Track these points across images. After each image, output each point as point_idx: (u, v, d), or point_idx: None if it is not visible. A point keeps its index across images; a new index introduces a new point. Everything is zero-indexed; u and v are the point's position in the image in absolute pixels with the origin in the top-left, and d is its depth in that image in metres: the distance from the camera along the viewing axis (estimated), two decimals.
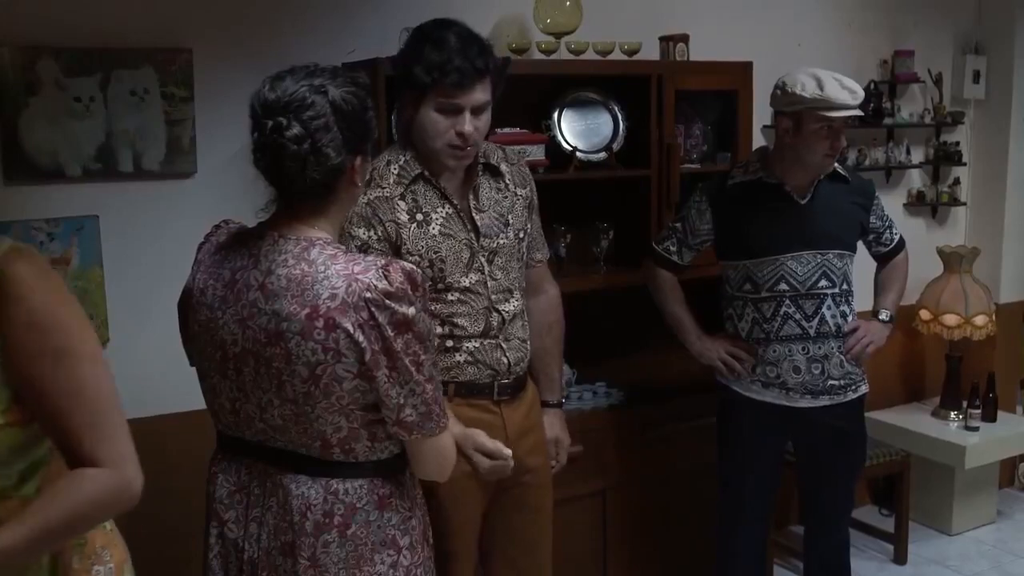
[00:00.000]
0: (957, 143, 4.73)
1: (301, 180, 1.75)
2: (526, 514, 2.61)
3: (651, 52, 3.64)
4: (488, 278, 2.45)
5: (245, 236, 1.87)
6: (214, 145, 3.06)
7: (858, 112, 2.95)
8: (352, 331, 1.71)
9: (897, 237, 3.28)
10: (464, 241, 2.42)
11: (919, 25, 4.57)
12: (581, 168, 3.44)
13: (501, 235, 2.48)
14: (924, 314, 4.51)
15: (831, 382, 3.06)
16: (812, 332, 3.03)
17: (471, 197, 2.46)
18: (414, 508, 1.92)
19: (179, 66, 2.99)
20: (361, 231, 2.34)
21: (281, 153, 1.73)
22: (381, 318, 1.72)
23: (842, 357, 3.07)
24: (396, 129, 2.53)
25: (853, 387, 3.12)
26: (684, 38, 3.64)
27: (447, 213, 2.42)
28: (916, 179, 4.75)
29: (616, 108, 3.53)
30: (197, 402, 2.01)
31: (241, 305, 1.80)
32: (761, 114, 4.01)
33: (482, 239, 2.44)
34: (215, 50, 3.04)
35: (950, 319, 4.40)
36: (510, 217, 2.51)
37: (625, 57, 3.53)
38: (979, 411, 4.40)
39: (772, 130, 4.18)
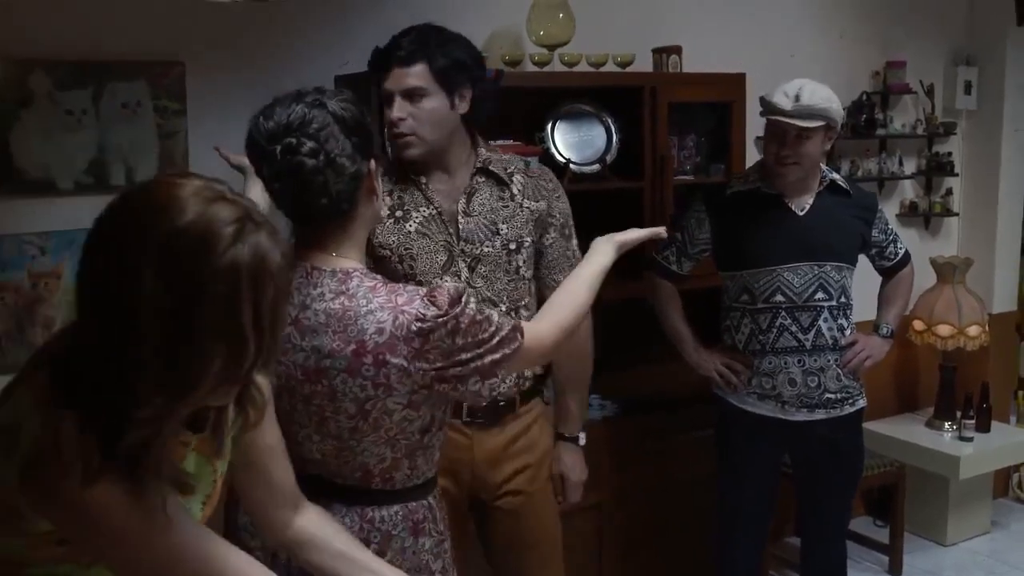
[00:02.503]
0: (949, 154, 4.74)
1: (326, 196, 1.71)
2: (513, 544, 2.58)
3: (644, 64, 3.65)
4: (466, 284, 2.41)
5: None
6: (207, 158, 3.03)
7: (799, 122, 2.87)
8: (406, 364, 1.68)
9: (902, 252, 3.25)
10: (442, 243, 2.43)
11: (911, 36, 4.59)
12: (574, 180, 3.43)
13: (487, 243, 2.45)
14: (917, 324, 4.51)
15: (827, 395, 3.05)
16: (808, 345, 3.02)
17: (463, 201, 2.45)
18: (445, 531, 1.90)
19: (172, 79, 2.98)
20: None
21: (301, 171, 1.68)
22: (436, 337, 1.68)
23: (839, 371, 3.06)
24: None
25: (850, 401, 3.11)
26: (677, 50, 3.65)
27: (428, 214, 2.43)
28: (908, 190, 4.76)
29: (609, 120, 3.53)
30: None
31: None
32: (754, 126, 4.01)
33: (461, 243, 2.43)
34: (208, 63, 3.03)
35: (943, 329, 4.40)
36: (503, 226, 2.47)
37: (618, 69, 3.52)
38: (973, 421, 4.40)
39: None
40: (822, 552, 3.31)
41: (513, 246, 2.48)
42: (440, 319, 1.67)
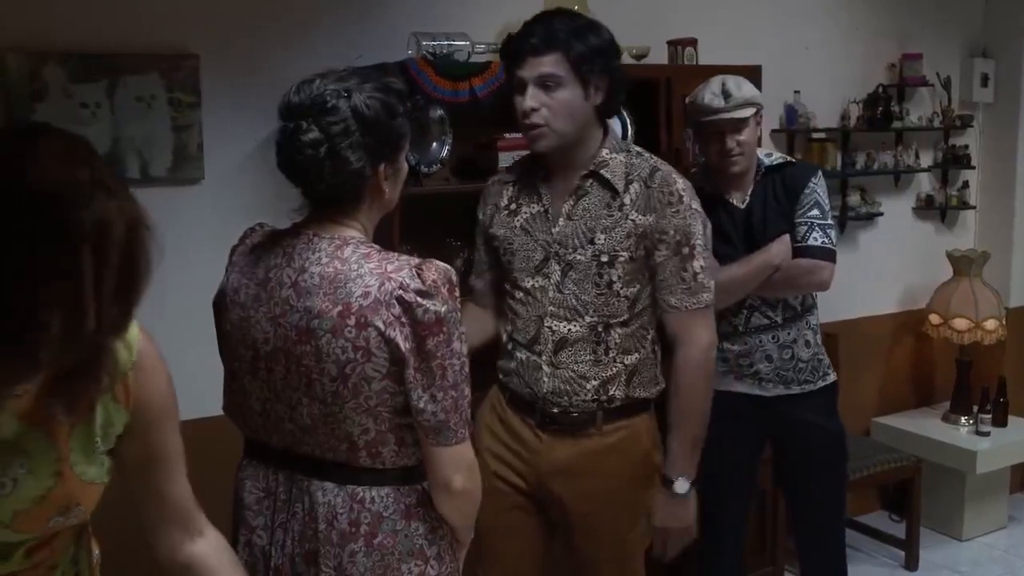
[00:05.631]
0: (966, 146, 4.71)
1: (321, 183, 1.76)
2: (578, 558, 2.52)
3: (659, 56, 3.63)
4: (553, 287, 2.36)
5: (279, 236, 1.87)
6: (221, 151, 3.05)
7: (735, 114, 2.90)
8: (384, 329, 1.70)
9: (811, 242, 2.94)
10: (541, 242, 2.38)
11: (927, 29, 4.56)
12: None
13: (579, 250, 2.35)
14: (934, 318, 4.48)
15: (799, 364, 3.04)
16: (779, 319, 3.02)
17: (570, 202, 2.38)
18: (442, 517, 1.88)
19: (185, 72, 2.97)
20: (479, 210, 2.54)
21: (299, 155, 1.74)
22: (413, 315, 1.71)
23: (807, 339, 3.05)
24: None
25: (821, 373, 3.09)
26: (692, 42, 3.63)
27: (535, 210, 2.40)
28: (925, 183, 4.73)
29: (624, 112, 3.51)
30: (209, 410, 2.00)
31: (273, 303, 1.80)
32: (770, 118, 4.00)
33: (556, 245, 2.36)
34: (222, 56, 3.03)
35: (960, 323, 4.38)
36: (600, 236, 2.34)
37: (633, 61, 3.51)
38: (990, 416, 4.39)
39: (780, 134, 4.20)
40: (817, 547, 3.25)
41: (605, 258, 2.33)
42: (423, 298, 1.70)
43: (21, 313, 1.17)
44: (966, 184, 4.76)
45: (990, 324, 4.37)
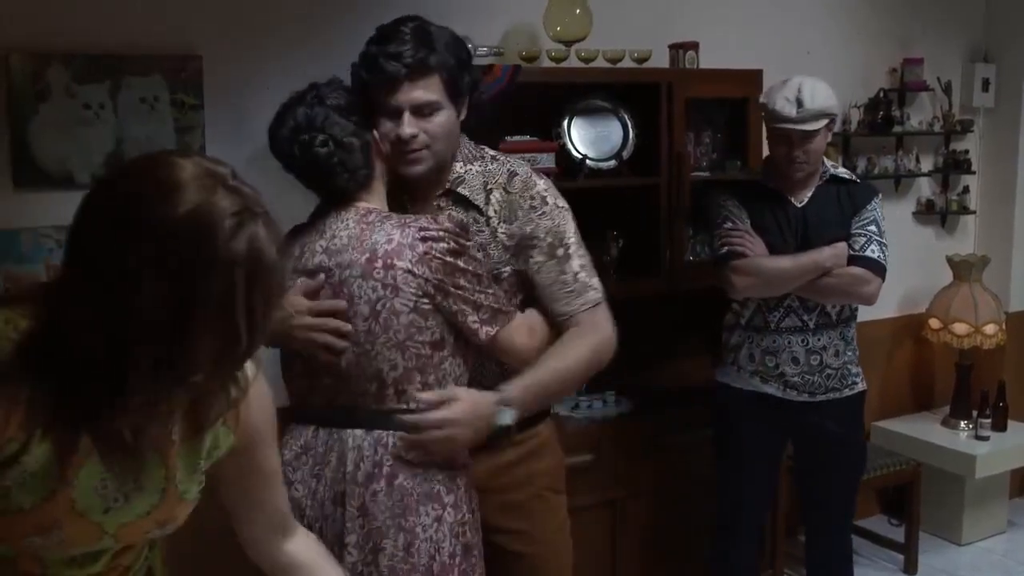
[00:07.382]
0: (966, 151, 4.72)
1: (346, 171, 2.09)
2: None
3: (661, 60, 3.64)
4: None
5: (312, 218, 2.18)
6: (224, 153, 2.98)
7: (805, 127, 2.93)
8: (410, 267, 1.97)
9: (866, 251, 3.00)
10: None
11: (928, 33, 4.56)
12: (591, 176, 3.42)
13: None
14: (934, 323, 4.49)
15: (828, 371, 3.08)
16: (811, 324, 3.07)
17: None
18: (460, 470, 2.07)
19: (189, 73, 2.98)
20: None
21: (319, 160, 2.08)
22: (436, 249, 1.98)
23: (838, 348, 3.09)
24: None
25: (849, 384, 3.13)
26: (694, 46, 3.64)
27: None
28: (925, 187, 4.74)
29: (626, 116, 3.52)
30: None
31: (308, 272, 2.07)
32: None
33: None
34: (225, 57, 3.03)
35: (960, 328, 4.38)
36: (477, 254, 2.19)
37: (635, 65, 3.52)
38: (989, 420, 4.38)
39: None
40: (825, 547, 3.31)
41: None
42: (442, 232, 2.00)
43: (180, 344, 1.18)
44: (966, 189, 4.76)
45: (990, 328, 4.37)
